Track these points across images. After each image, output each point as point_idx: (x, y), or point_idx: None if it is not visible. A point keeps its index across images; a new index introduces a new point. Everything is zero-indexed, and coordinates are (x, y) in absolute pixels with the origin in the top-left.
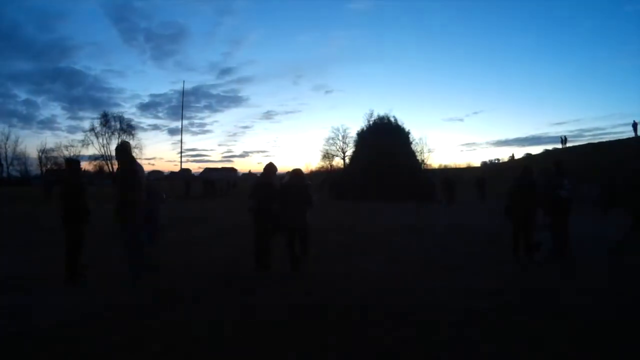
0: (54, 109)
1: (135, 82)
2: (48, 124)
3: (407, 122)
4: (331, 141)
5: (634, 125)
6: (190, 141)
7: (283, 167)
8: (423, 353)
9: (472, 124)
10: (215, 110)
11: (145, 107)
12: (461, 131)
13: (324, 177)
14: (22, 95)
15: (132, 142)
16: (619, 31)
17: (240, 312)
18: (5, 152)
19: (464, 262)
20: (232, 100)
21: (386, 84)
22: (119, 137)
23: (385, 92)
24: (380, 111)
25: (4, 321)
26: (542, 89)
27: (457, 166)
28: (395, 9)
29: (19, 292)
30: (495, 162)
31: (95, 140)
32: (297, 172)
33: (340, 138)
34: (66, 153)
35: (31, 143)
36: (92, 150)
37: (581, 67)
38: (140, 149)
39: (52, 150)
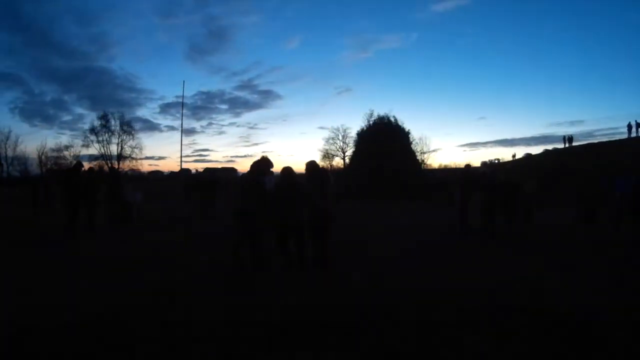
0: (79, 109)
1: (166, 83)
2: (71, 124)
3: (418, 122)
4: (331, 141)
5: (629, 126)
6: (207, 142)
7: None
8: (423, 353)
9: (476, 123)
10: (238, 113)
11: (167, 108)
12: (465, 130)
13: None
14: (49, 94)
15: (132, 143)
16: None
17: (240, 312)
18: (6, 152)
19: (463, 262)
20: (257, 103)
21: (404, 85)
22: (119, 137)
23: (402, 93)
24: (380, 111)
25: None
26: (552, 88)
27: (457, 166)
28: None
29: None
30: (494, 162)
31: (95, 140)
32: (286, 170)
33: (340, 138)
34: (66, 153)
35: (50, 144)
36: (92, 151)
37: (594, 64)
38: (140, 149)
39: (53, 150)
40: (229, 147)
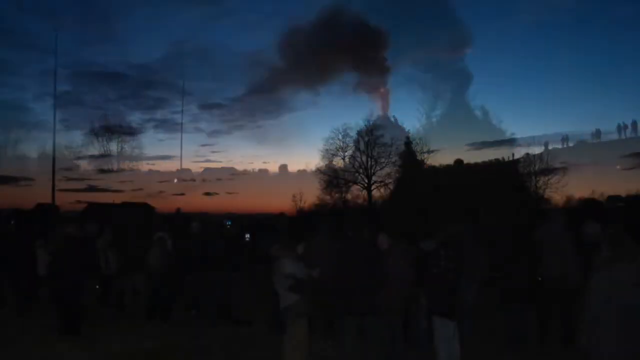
0: (121, 112)
1: (213, 84)
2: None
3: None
4: (331, 141)
5: (619, 127)
6: (227, 144)
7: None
8: None
9: (479, 122)
10: (273, 116)
11: (204, 109)
12: (469, 130)
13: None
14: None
15: (132, 143)
16: None
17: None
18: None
19: None
20: (293, 106)
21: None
22: (119, 137)
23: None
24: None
25: None
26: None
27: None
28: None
29: None
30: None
31: (95, 141)
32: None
33: (340, 138)
34: (66, 153)
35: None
36: (91, 151)
37: (606, 62)
38: (140, 149)
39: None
40: (241, 148)
